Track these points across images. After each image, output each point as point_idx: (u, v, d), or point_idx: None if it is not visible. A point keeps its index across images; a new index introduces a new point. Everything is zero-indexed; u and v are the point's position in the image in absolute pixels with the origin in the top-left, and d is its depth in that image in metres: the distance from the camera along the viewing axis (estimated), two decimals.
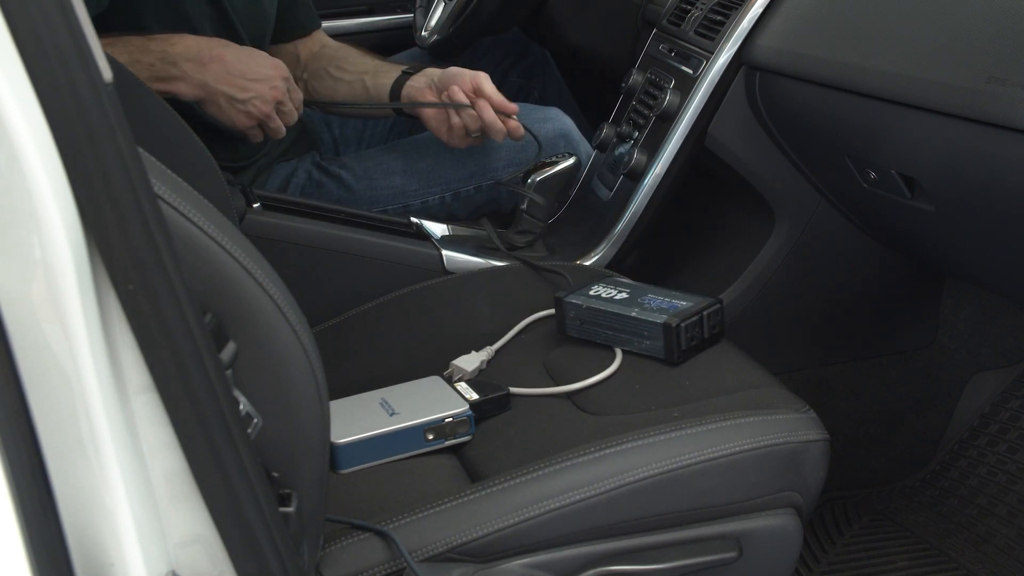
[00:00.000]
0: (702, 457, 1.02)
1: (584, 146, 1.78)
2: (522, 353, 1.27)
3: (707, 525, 1.04)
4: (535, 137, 1.59)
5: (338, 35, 2.23)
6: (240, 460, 0.64)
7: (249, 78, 1.40)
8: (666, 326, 1.16)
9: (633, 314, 1.19)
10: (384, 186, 1.66)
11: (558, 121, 1.77)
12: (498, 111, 1.53)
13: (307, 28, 1.78)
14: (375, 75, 1.69)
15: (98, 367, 0.59)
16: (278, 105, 1.45)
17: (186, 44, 1.40)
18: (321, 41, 1.81)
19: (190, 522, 0.64)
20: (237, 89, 1.39)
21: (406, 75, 1.65)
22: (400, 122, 2.02)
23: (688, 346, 1.18)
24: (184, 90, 1.39)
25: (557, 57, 2.23)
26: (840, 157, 1.40)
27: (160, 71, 1.37)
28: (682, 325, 1.16)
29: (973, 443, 1.71)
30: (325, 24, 1.91)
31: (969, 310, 1.75)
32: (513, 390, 1.16)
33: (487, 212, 1.73)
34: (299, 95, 1.51)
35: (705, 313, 1.19)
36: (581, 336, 1.23)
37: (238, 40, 1.59)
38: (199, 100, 1.42)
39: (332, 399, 0.85)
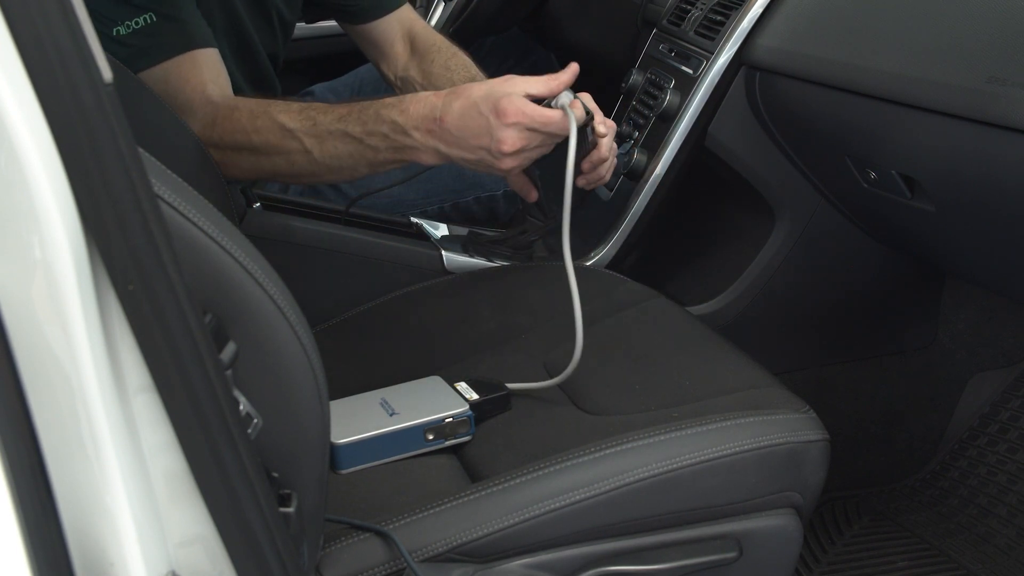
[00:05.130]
0: (702, 457, 1.02)
1: None
2: (522, 353, 1.27)
3: (707, 525, 1.04)
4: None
5: (335, 36, 2.23)
6: (240, 460, 0.64)
7: (471, 135, 1.21)
8: None
9: None
10: (382, 195, 1.65)
11: None
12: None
13: (392, 4, 1.72)
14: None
15: (98, 367, 0.59)
16: (522, 153, 1.22)
17: (416, 109, 1.25)
18: (414, 24, 1.71)
19: (190, 522, 0.64)
20: (467, 151, 1.23)
21: None
22: None
23: None
24: (424, 159, 1.28)
25: (557, 57, 2.23)
26: (840, 157, 1.40)
27: (395, 141, 1.26)
28: None
29: (973, 443, 1.71)
30: (323, 24, 1.90)
31: (969, 310, 1.75)
32: (508, 385, 1.16)
33: (483, 221, 1.73)
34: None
35: None
36: None
37: (248, 45, 1.57)
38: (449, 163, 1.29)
39: (332, 399, 0.85)
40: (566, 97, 1.22)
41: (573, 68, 1.29)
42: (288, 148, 1.30)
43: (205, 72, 1.37)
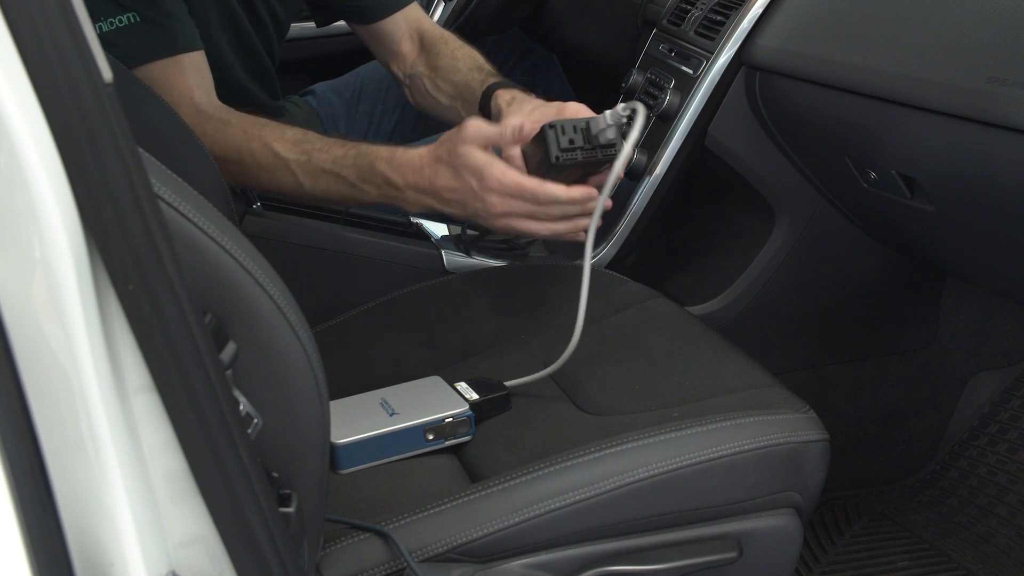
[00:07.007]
0: (702, 457, 1.02)
1: None
2: (522, 353, 1.27)
3: (707, 525, 1.04)
4: None
5: (336, 35, 2.23)
6: (240, 460, 0.64)
7: (463, 199, 1.23)
8: (544, 127, 1.14)
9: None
10: None
11: None
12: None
13: (400, 2, 1.71)
14: (465, 104, 1.53)
15: (98, 367, 0.59)
16: (511, 218, 1.22)
17: (406, 169, 1.25)
18: (422, 22, 1.70)
19: (190, 522, 0.64)
20: (459, 209, 1.25)
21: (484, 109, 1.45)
22: (404, 125, 2.01)
23: (567, 158, 1.14)
24: (416, 211, 1.30)
25: (557, 57, 2.23)
26: (840, 157, 1.40)
27: (387, 193, 1.28)
28: (559, 126, 1.13)
29: (973, 443, 1.71)
30: None
31: (969, 310, 1.75)
32: (506, 383, 1.16)
33: None
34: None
35: (590, 123, 1.15)
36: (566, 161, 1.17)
37: (246, 40, 1.57)
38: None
39: (332, 399, 0.85)
40: (613, 117, 1.16)
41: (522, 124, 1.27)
42: (279, 174, 1.32)
43: (191, 77, 1.37)
